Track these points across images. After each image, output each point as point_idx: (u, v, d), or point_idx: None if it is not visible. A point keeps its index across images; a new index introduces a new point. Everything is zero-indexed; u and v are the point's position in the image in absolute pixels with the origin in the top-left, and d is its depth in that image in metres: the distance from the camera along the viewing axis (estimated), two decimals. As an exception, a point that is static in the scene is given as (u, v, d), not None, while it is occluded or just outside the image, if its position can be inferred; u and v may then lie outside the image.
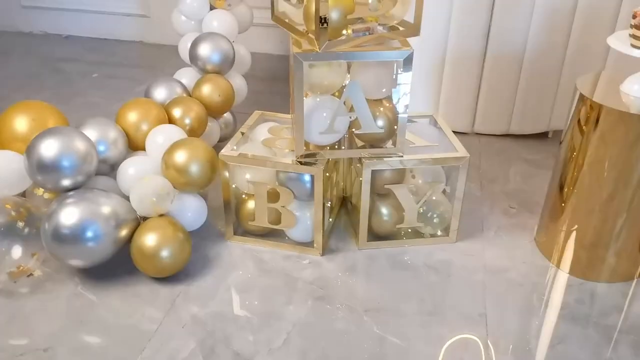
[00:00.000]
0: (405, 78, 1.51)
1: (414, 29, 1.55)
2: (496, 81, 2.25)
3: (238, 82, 2.23)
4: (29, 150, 1.50)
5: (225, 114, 2.23)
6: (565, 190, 1.60)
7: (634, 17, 1.38)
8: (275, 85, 2.79)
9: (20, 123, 1.61)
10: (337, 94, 1.60)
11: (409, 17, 1.56)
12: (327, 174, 1.67)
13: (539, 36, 2.14)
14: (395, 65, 1.52)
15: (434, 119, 1.87)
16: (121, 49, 3.29)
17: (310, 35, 1.49)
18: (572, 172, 1.56)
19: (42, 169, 1.49)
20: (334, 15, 1.44)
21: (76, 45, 3.31)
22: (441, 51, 2.23)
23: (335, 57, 1.48)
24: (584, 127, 1.49)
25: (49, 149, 1.48)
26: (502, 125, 2.34)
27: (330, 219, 1.82)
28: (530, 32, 2.14)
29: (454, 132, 1.80)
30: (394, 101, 1.56)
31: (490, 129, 2.36)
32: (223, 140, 2.23)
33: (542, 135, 2.37)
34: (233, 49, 2.12)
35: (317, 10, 1.36)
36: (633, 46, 1.37)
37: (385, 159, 1.62)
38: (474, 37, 2.18)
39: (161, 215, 1.59)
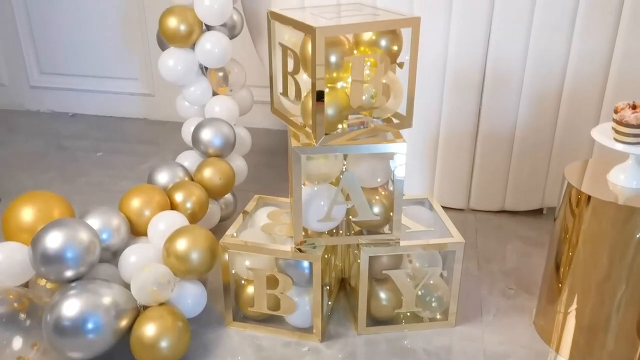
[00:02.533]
0: (399, 170, 1.57)
1: (407, 121, 1.63)
2: (489, 160, 2.32)
3: (238, 163, 2.29)
4: (34, 242, 1.53)
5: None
6: (561, 270, 1.62)
7: (616, 111, 1.45)
8: (274, 159, 2.86)
9: (26, 214, 1.65)
10: (334, 181, 1.66)
11: (402, 109, 1.64)
12: (326, 256, 1.69)
13: (527, 117, 2.22)
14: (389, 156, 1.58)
15: (429, 202, 1.92)
16: (126, 126, 3.39)
17: (307, 129, 1.57)
18: (567, 252, 1.59)
19: (46, 261, 1.52)
20: (330, 111, 1.51)
21: (82, 123, 3.42)
22: (434, 130, 2.31)
23: (332, 150, 1.54)
24: (575, 209, 1.54)
25: (53, 241, 1.52)
26: (497, 202, 2.39)
27: (330, 302, 1.83)
28: (519, 113, 2.23)
29: (449, 208, 1.85)
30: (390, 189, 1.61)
31: (486, 206, 2.41)
32: (224, 220, 2.28)
33: (537, 212, 2.41)
34: (234, 132, 2.20)
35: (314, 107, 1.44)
36: (616, 140, 1.44)
37: (382, 245, 1.66)
38: (465, 118, 2.26)
39: (161, 303, 1.61)
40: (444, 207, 2.33)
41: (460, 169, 2.36)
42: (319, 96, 1.44)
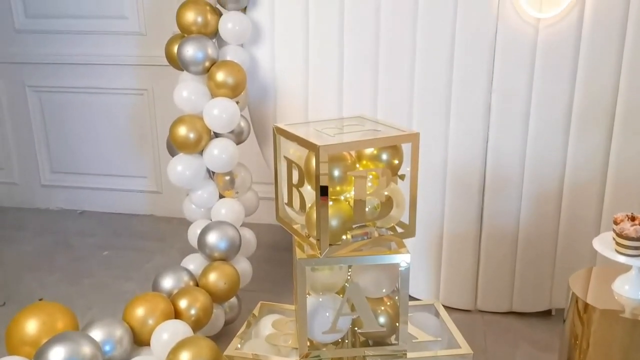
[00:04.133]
0: (404, 280, 1.57)
1: (410, 231, 1.65)
2: (494, 260, 2.32)
3: (243, 265, 2.30)
4: (37, 357, 1.52)
5: (230, 299, 2.28)
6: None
7: (615, 223, 1.48)
8: (279, 254, 2.87)
9: (30, 327, 1.64)
10: (339, 290, 1.66)
11: (405, 218, 1.67)
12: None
13: (530, 217, 2.25)
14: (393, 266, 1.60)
15: (435, 309, 1.91)
16: (133, 222, 3.44)
17: (312, 239, 1.59)
18: (578, 358, 1.55)
19: (47, 378, 1.49)
20: (333, 223, 1.54)
21: (90, 220, 3.47)
22: (438, 232, 2.34)
23: (336, 262, 1.56)
24: (582, 317, 1.52)
25: (56, 356, 1.51)
26: (504, 304, 2.36)
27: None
28: (522, 214, 2.26)
29: (456, 309, 1.82)
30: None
31: (493, 307, 2.38)
32: (228, 324, 2.25)
33: (546, 313, 2.38)
34: (239, 235, 2.23)
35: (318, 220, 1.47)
36: (617, 252, 1.45)
37: (389, 358, 1.63)
38: (468, 219, 2.29)
39: (162, 421, 1.56)
40: (450, 308, 2.32)
41: (466, 270, 2.35)
42: (323, 210, 1.47)
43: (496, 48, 2.13)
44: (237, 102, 2.32)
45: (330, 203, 1.52)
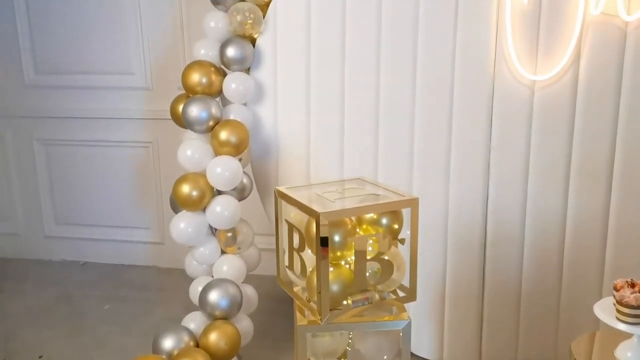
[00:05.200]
0: (405, 346, 1.57)
1: (411, 295, 1.66)
2: (497, 316, 2.30)
3: (244, 324, 2.29)
4: None
5: (231, 358, 2.25)
6: None
7: (615, 289, 1.48)
8: (280, 306, 2.84)
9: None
10: (340, 356, 1.65)
11: (406, 281, 1.68)
12: None
13: (532, 273, 2.25)
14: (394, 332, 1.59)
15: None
16: (135, 274, 3.44)
17: (312, 303, 1.59)
18: None
19: None
20: (334, 288, 1.55)
21: (92, 271, 3.47)
22: (440, 290, 2.33)
23: (337, 328, 1.56)
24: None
25: None
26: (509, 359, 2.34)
27: None
28: (524, 270, 2.25)
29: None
30: (396, 366, 1.60)
31: (498, 365, 2.35)
32: (228, 384, 2.22)
33: (551, 369, 2.34)
34: (241, 293, 2.23)
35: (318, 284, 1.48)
36: (618, 319, 1.45)
37: None
38: (470, 276, 2.29)
39: None
40: (455, 367, 2.30)
41: (470, 327, 2.33)
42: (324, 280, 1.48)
43: (493, 107, 2.18)
44: (240, 160, 2.36)
45: (331, 269, 1.54)
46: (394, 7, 2.20)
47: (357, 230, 1.64)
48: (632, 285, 1.48)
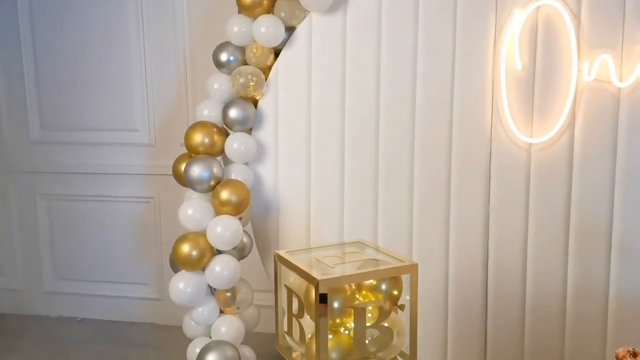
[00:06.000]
0: (405, 417, 1.54)
1: (411, 362, 1.64)
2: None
3: (243, 387, 2.25)
4: None
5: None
6: None
7: (617, 359, 1.46)
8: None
9: None
10: None
11: (406, 348, 1.66)
12: None
13: (534, 337, 2.22)
14: (395, 401, 1.56)
15: None
16: (132, 330, 3.39)
17: (311, 372, 1.57)
18: None
19: None
20: (334, 356, 1.53)
21: (89, 328, 3.42)
22: (442, 357, 2.30)
23: (336, 398, 1.53)
24: None
25: None
26: None
27: None
28: (526, 336, 2.23)
29: None
30: None
31: None
32: None
33: None
34: (239, 355, 2.19)
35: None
36: (623, 389, 1.42)
37: None
38: (471, 342, 2.27)
39: None
40: None
41: (471, 391, 2.29)
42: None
43: (491, 169, 2.21)
44: (241, 218, 2.37)
45: (330, 336, 1.52)
46: (393, 69, 2.27)
47: (357, 296, 1.63)
48: (634, 354, 1.46)
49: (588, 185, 2.12)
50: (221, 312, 2.37)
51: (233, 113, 2.40)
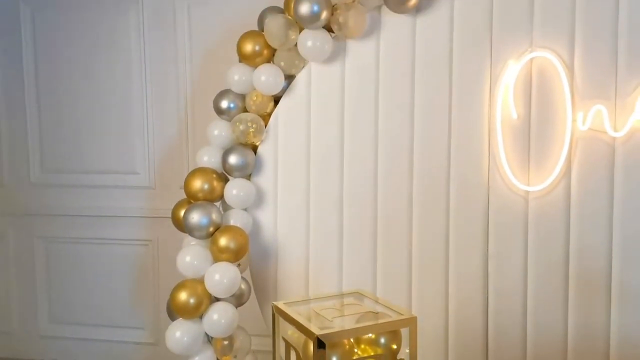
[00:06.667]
0: None
1: (411, 418, 1.61)
2: None
3: None
4: None
5: None
6: None
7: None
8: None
9: None
10: None
11: (405, 403, 1.63)
12: None
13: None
14: None
15: None
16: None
17: None
18: None
19: None
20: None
21: (83, 375, 3.37)
22: (442, 403, 2.26)
23: None
24: None
25: None
26: None
27: None
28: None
29: None
30: None
31: None
32: None
33: None
34: (236, 406, 2.16)
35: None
36: None
37: None
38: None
39: None
40: None
41: None
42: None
43: (489, 217, 2.21)
44: (239, 265, 2.36)
45: (329, 392, 1.50)
46: (390, 119, 2.30)
47: (355, 350, 1.61)
48: (638, 413, 1.43)
49: (586, 233, 2.13)
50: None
51: (233, 159, 2.42)
